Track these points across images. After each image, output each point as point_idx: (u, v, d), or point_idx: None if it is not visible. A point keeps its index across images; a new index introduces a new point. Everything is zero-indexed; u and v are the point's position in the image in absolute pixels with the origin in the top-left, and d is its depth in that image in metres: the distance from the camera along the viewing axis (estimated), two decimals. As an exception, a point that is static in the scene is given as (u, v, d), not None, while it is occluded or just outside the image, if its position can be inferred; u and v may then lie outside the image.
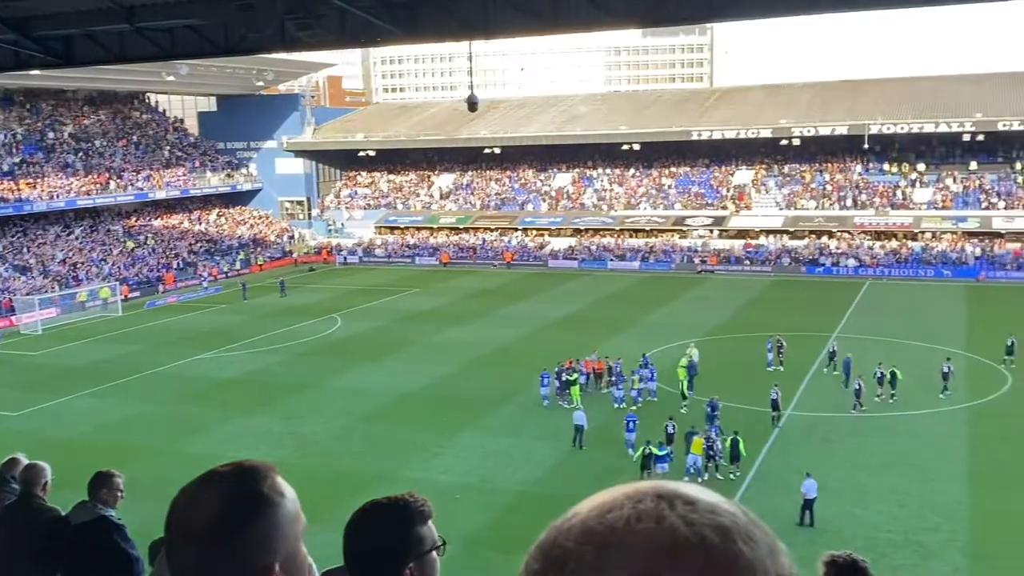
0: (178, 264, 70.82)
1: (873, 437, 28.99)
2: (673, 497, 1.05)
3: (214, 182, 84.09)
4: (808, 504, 22.48)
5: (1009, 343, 37.69)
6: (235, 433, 31.21)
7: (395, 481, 25.85)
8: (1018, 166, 69.38)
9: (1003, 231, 64.55)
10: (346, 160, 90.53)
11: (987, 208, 66.74)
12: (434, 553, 2.41)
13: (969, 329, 45.15)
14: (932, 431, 29.49)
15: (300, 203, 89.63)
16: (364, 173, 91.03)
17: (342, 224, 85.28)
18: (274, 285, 61.29)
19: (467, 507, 23.92)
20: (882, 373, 33.07)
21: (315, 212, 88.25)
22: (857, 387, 32.03)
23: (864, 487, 24.82)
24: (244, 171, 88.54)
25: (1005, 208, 66.34)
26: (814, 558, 4.42)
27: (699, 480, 25.37)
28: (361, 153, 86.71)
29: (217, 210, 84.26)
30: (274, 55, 70.21)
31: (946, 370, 33.60)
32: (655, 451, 25.69)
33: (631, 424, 28.30)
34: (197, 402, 35.72)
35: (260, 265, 75.38)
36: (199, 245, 76.18)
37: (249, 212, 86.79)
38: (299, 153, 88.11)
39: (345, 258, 78.16)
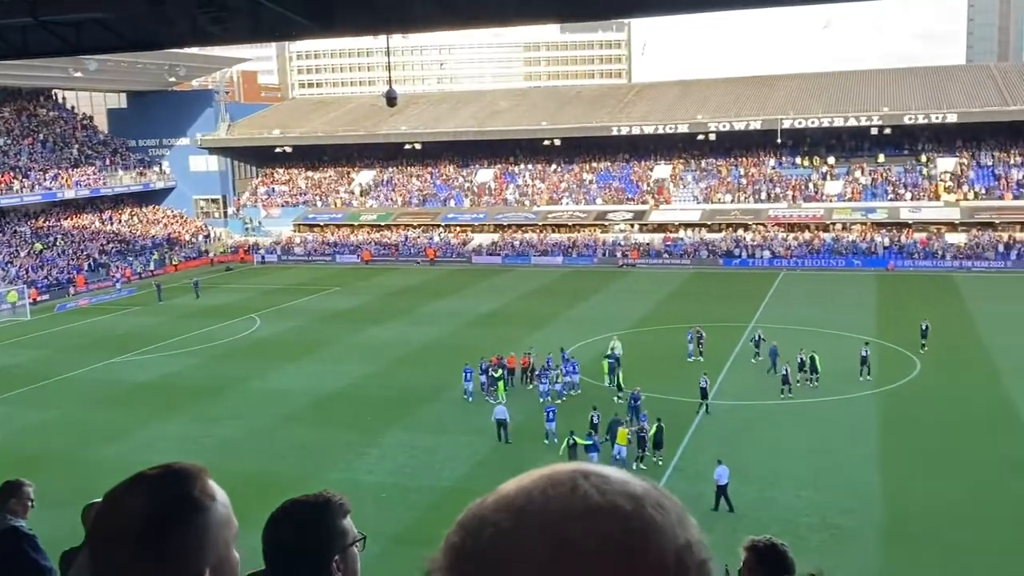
0: (89, 265, 68.67)
1: (790, 423, 29.74)
2: (588, 472, 1.08)
3: (126, 181, 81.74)
4: (721, 490, 23.00)
5: (923, 327, 39.12)
6: (151, 438, 30.40)
7: (318, 482, 25.50)
8: (923, 158, 71.93)
9: (910, 221, 66.86)
10: (262, 157, 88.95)
11: (894, 199, 69.03)
12: (355, 547, 2.42)
13: (879, 317, 46.65)
14: (846, 416, 30.38)
15: (215, 201, 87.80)
16: (281, 170, 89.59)
17: (259, 222, 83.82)
18: (189, 286, 59.83)
19: (393, 506, 23.77)
20: (802, 359, 34.03)
21: (231, 210, 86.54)
22: (784, 373, 32.96)
23: (782, 472, 25.44)
24: (157, 169, 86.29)
25: (912, 199, 68.71)
26: (736, 543, 4.50)
27: (627, 467, 25.64)
28: (278, 149, 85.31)
29: (129, 209, 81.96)
30: (186, 50, 68.54)
31: (864, 354, 34.80)
32: (580, 441, 25.93)
33: (550, 415, 28.71)
34: (111, 407, 34.70)
35: (175, 265, 73.58)
36: (111, 246, 73.99)
37: (163, 211, 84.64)
38: (214, 150, 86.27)
39: (263, 257, 76.84)
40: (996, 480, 24.35)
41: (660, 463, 26.34)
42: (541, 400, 32.26)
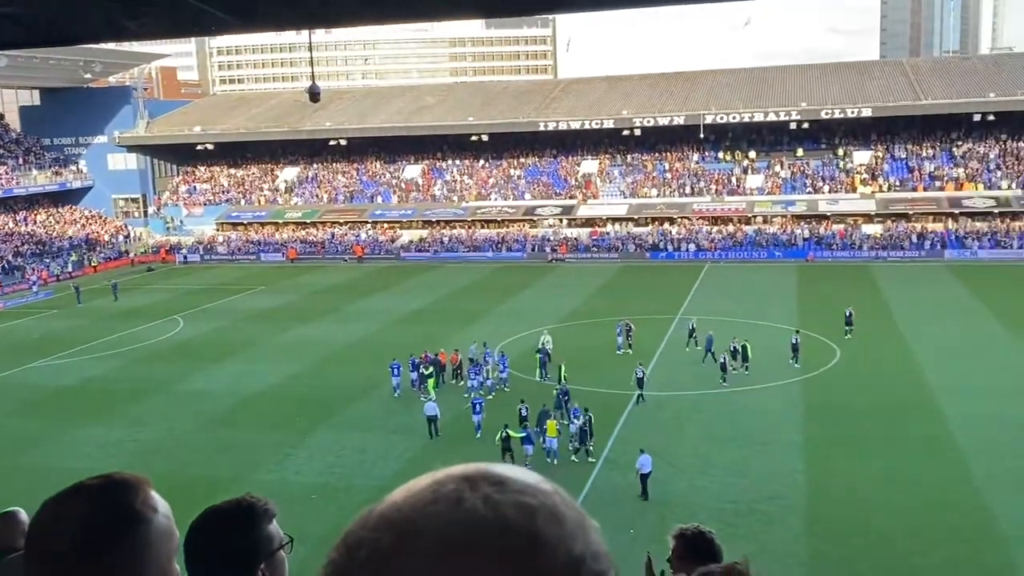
0: (3, 268, 66.37)
1: (717, 413, 30.30)
2: (478, 479, 1.02)
3: (40, 180, 79.25)
4: (644, 478, 23.39)
5: (847, 314, 40.39)
6: (73, 444, 29.55)
7: (246, 484, 25.12)
8: (840, 152, 73.90)
9: (828, 213, 68.63)
10: (183, 155, 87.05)
11: (813, 192, 70.78)
12: (282, 552, 2.34)
13: (801, 306, 47.81)
14: (770, 404, 31.08)
15: (135, 200, 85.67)
16: (203, 168, 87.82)
17: (181, 221, 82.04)
18: (108, 288, 58.13)
19: (323, 507, 23.53)
20: (735, 347, 34.87)
21: (152, 209, 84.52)
22: (722, 361, 33.82)
23: (710, 460, 25.91)
24: (73, 168, 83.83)
25: (829, 192, 70.55)
26: (666, 532, 4.58)
27: (555, 461, 25.91)
28: (199, 147, 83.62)
29: (45, 210, 79.45)
30: (101, 45, 66.69)
31: (794, 342, 36.04)
32: (512, 434, 26.03)
33: (477, 407, 28.94)
34: (30, 413, 33.61)
35: (95, 267, 71.56)
36: (26, 247, 71.62)
37: (80, 211, 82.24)
38: (132, 148, 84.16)
39: (185, 257, 75.24)
40: (913, 463, 25.19)
41: (591, 452, 26.57)
42: (465, 395, 32.29)
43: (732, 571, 2.60)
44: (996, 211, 65.42)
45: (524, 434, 26.36)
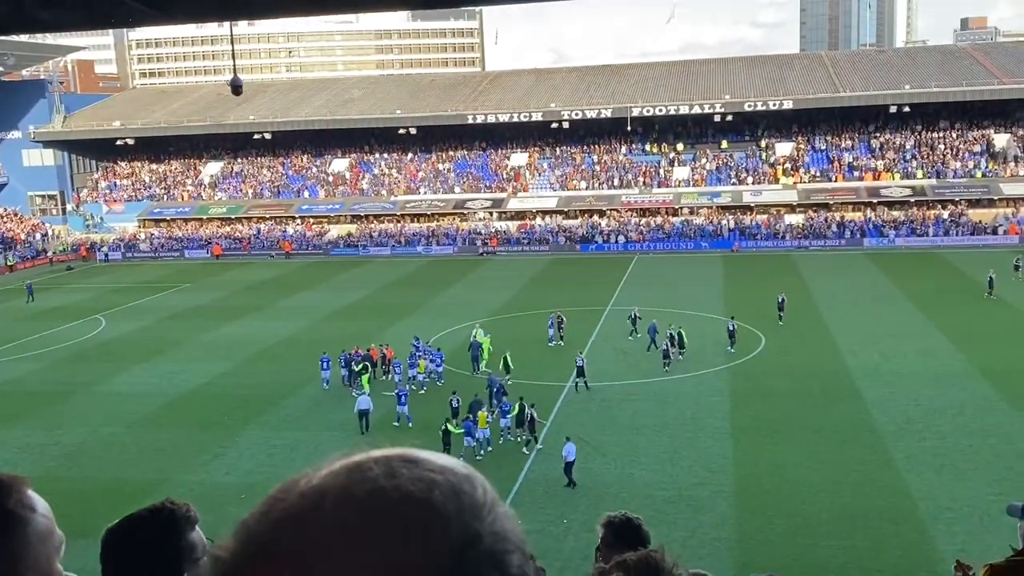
0: (-89, 269, 63.82)
1: (647, 401, 30.70)
2: (394, 457, 1.04)
3: (-51, 177, 76.34)
4: (568, 467, 23.70)
5: (780, 300, 41.66)
6: (-10, 450, 28.57)
7: (174, 486, 24.62)
8: (763, 144, 75.40)
9: (752, 204, 70.01)
10: (103, 150, 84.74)
11: (737, 184, 72.12)
12: (205, 559, 2.30)
13: (727, 295, 48.71)
14: (699, 392, 31.62)
15: (53, 197, 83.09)
16: (124, 163, 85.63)
17: (101, 218, 79.88)
18: (22, 288, 56.09)
19: (253, 506, 23.16)
20: (672, 334, 35.59)
21: (70, 207, 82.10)
22: (665, 348, 34.50)
23: (641, 449, 26.26)
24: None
25: (753, 183, 71.96)
26: (597, 521, 4.64)
27: (482, 453, 26.07)
28: (119, 142, 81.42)
29: (-45, 208, 76.60)
30: (14, 37, 64.41)
31: (731, 328, 36.99)
32: (452, 429, 26.04)
33: (402, 398, 29.18)
34: (-58, 419, 32.37)
35: (11, 266, 69.23)
36: (-65, 247, 68.97)
37: (-7, 209, 79.48)
38: (49, 143, 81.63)
39: (106, 255, 73.29)
40: (836, 446, 25.89)
41: (523, 441, 26.70)
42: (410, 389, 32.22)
43: (647, 559, 2.65)
44: (912, 200, 67.52)
45: (463, 430, 26.37)
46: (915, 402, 29.38)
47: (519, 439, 26.93)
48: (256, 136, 79.63)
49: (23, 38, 70.00)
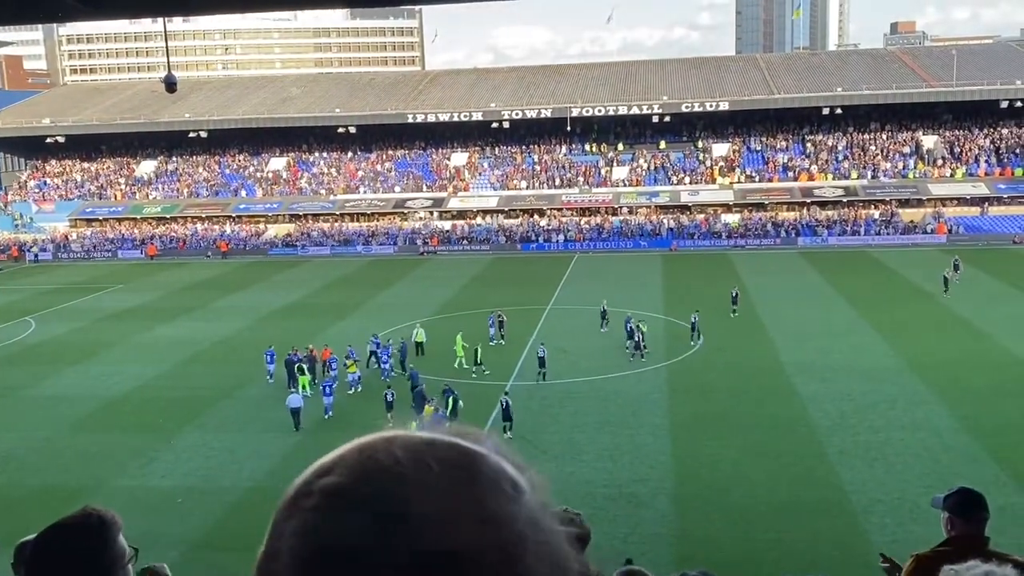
0: None
1: (588, 399, 30.89)
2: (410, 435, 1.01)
3: None
4: None
5: (733, 293, 43.07)
6: (-88, 457, 27.60)
7: (108, 491, 24.10)
8: (700, 144, 76.43)
9: (690, 204, 70.93)
10: (32, 148, 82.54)
11: (675, 184, 72.99)
12: (129, 565, 2.24)
13: (666, 293, 49.28)
14: (638, 390, 31.93)
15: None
16: (54, 161, 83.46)
17: (31, 218, 77.77)
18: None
19: (191, 510, 22.81)
20: (631, 328, 36.46)
21: (-2, 206, 79.78)
22: (637, 340, 35.63)
23: (581, 447, 26.42)
24: (-94, 162, 78.22)
25: (691, 183, 72.90)
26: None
27: None
28: (49, 140, 79.36)
29: None
30: (-64, 30, 62.45)
31: (694, 320, 38.26)
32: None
33: (327, 389, 29.90)
34: None
35: (-67, 267, 67.04)
36: None
37: (-85, 208, 76.90)
38: (-26, 140, 79.17)
39: (36, 255, 71.36)
40: (772, 442, 26.37)
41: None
42: (351, 391, 32.01)
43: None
44: (845, 200, 69.07)
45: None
46: (848, 397, 30.06)
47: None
48: (192, 134, 78.25)
49: (-54, 32, 67.89)
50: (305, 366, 32.89)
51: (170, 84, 24.49)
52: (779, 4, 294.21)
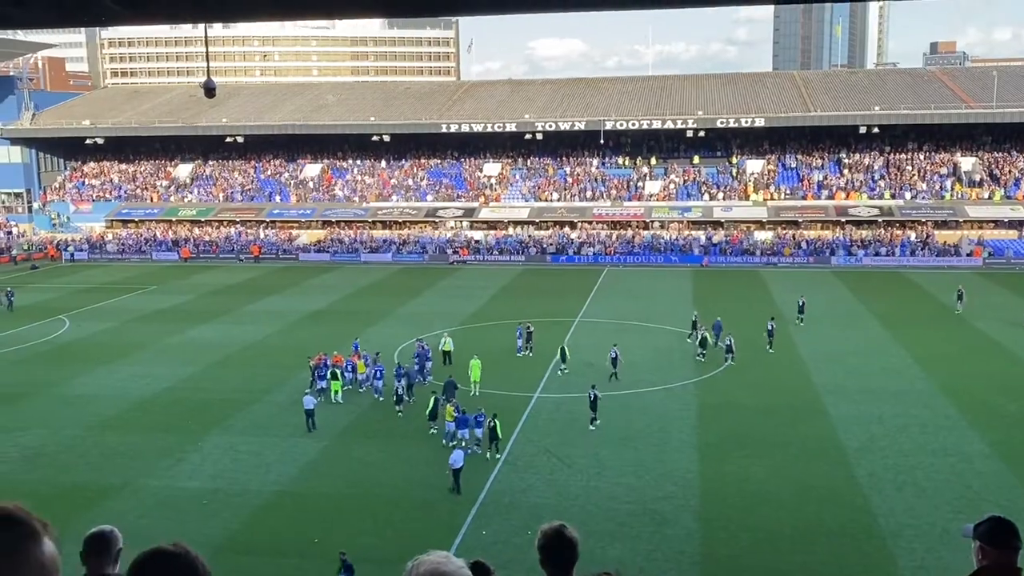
0: None
1: (614, 414, 30.69)
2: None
3: (-87, 172, 75.07)
4: (456, 473, 24.07)
5: (800, 303, 44.82)
6: (-54, 451, 28.04)
7: (136, 490, 24.33)
8: (734, 160, 76.04)
9: (722, 220, 70.54)
10: (72, 149, 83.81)
11: (708, 199, 72.63)
12: None
13: (696, 309, 48.82)
14: (666, 406, 31.70)
15: (19, 195, 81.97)
16: (93, 163, 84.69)
17: (68, 218, 78.90)
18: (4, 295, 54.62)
19: (217, 512, 22.94)
20: (703, 335, 38.20)
21: (36, 205, 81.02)
22: (728, 343, 36.93)
23: (606, 462, 26.26)
24: (-50, 160, 79.71)
25: (724, 199, 72.52)
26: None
27: (450, 445, 26.75)
28: (88, 141, 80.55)
29: (-83, 203, 75.32)
30: (-18, 32, 63.63)
31: (770, 328, 39.61)
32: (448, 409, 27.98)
33: (378, 373, 32.22)
34: (-102, 419, 31.74)
35: (-28, 264, 68.15)
36: None
37: (-43, 205, 78.27)
38: (16, 141, 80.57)
39: (72, 255, 72.36)
40: (800, 462, 26.07)
41: (492, 456, 26.62)
42: (378, 398, 32.10)
43: None
44: (880, 220, 68.36)
45: (457, 418, 27.38)
46: (878, 419, 29.67)
47: (487, 454, 26.77)
48: (228, 139, 79.10)
49: (-7, 33, 69.12)
50: (338, 371, 33.00)
51: (209, 89, 24.76)
52: (818, 21, 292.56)
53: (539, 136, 74.44)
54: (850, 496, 23.64)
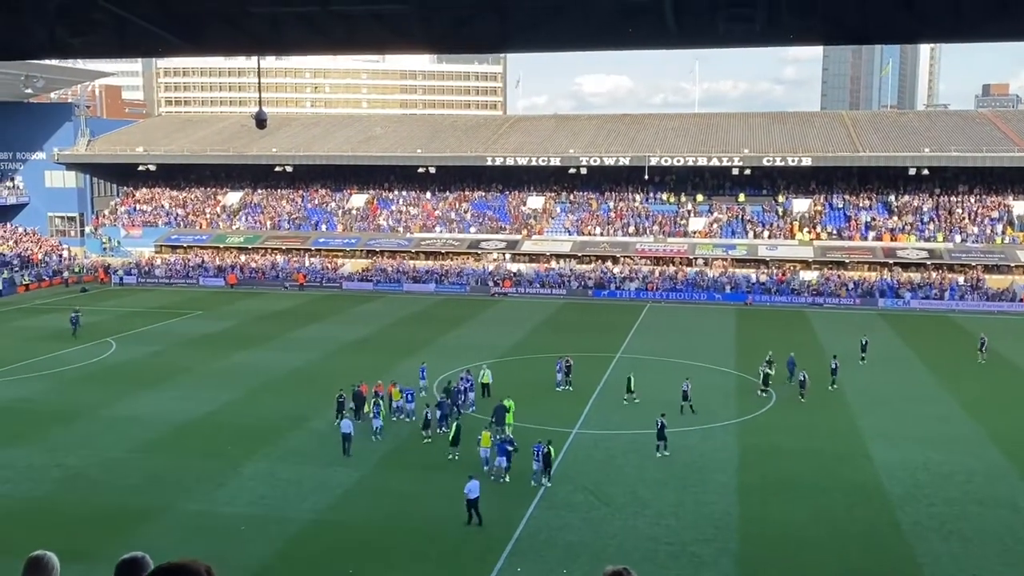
0: (-72, 283, 64.22)
1: (652, 453, 30.35)
2: None
3: (-27, 195, 77.15)
4: (470, 504, 23.94)
5: (863, 342, 45.09)
6: (-8, 468, 28.52)
7: (174, 514, 24.50)
8: (781, 198, 75.50)
9: (767, 258, 69.93)
10: (124, 174, 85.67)
11: (753, 237, 72.09)
12: None
13: (739, 349, 48.41)
14: (706, 446, 31.27)
15: (72, 219, 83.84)
16: (144, 189, 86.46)
17: (119, 242, 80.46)
18: (43, 307, 56.30)
19: (253, 538, 23.01)
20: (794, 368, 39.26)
21: (88, 229, 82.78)
22: (802, 379, 37.53)
23: (645, 501, 25.94)
24: (9, 184, 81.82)
25: (769, 237, 71.93)
26: (597, 573, 4.57)
27: (485, 468, 27.24)
28: (141, 167, 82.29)
29: (-24, 225, 77.35)
30: (44, 61, 65.46)
31: (834, 366, 39.99)
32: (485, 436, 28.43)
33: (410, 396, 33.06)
34: (-52, 435, 32.39)
35: (26, 286, 69.66)
36: (-47, 262, 69.51)
37: (13, 229, 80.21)
38: (72, 166, 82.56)
39: (121, 278, 73.69)
40: (843, 508, 25.54)
41: (546, 483, 26.79)
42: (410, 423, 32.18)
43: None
44: (929, 262, 67.30)
45: (497, 448, 27.50)
46: (924, 467, 29.01)
47: (543, 480, 26.88)
48: (277, 168, 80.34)
49: (52, 62, 71.13)
50: (380, 400, 33.06)
51: (260, 120, 25.20)
52: (867, 62, 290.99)
53: (583, 170, 74.63)
54: (893, 544, 23.09)
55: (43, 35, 11.71)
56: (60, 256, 78.01)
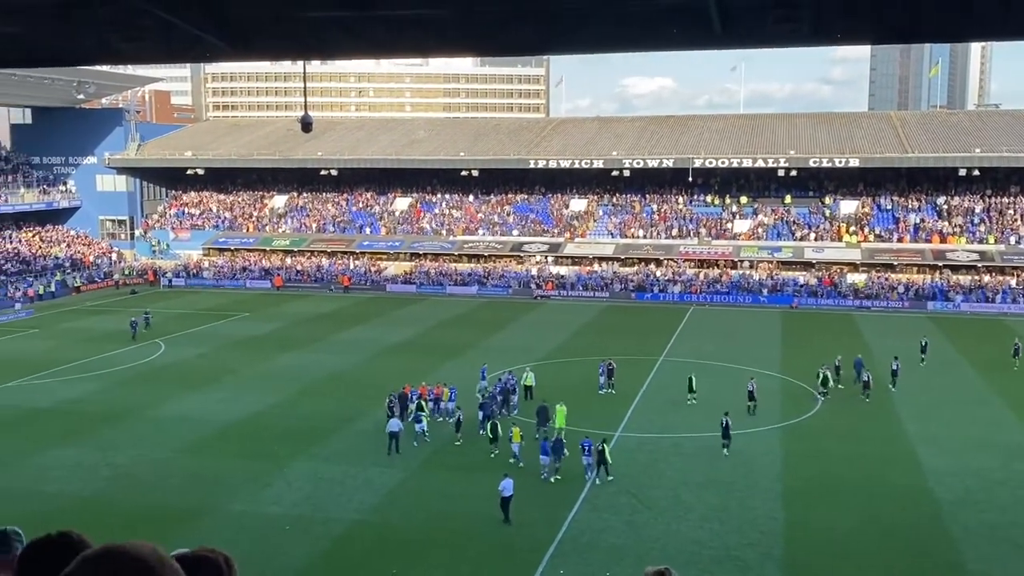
0: (-16, 285, 65.84)
1: (697, 456, 30.17)
2: None
3: (28, 199, 79.00)
4: (504, 502, 24.04)
5: (923, 343, 45.02)
6: (45, 466, 29.17)
7: (220, 514, 24.84)
8: (827, 200, 74.54)
9: (814, 261, 69.06)
10: (173, 178, 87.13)
11: (799, 239, 71.24)
12: None
13: (784, 353, 47.88)
14: (750, 450, 30.96)
15: (122, 222, 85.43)
16: (193, 192, 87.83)
17: (167, 245, 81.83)
18: (95, 309, 57.40)
19: (298, 539, 23.25)
20: (837, 365, 39.90)
21: (138, 232, 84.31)
22: (866, 379, 37.51)
23: (688, 504, 25.77)
24: (62, 187, 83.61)
25: (815, 240, 71.03)
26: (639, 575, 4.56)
27: (520, 465, 27.70)
28: (189, 171, 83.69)
29: (31, 228, 79.11)
30: (96, 67, 66.88)
31: (895, 367, 39.73)
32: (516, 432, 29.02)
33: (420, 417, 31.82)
34: (2, 433, 33.19)
35: (78, 288, 71.13)
36: (9, 265, 71.16)
37: (65, 232, 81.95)
38: (122, 170, 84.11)
39: (170, 280, 74.92)
40: (891, 514, 25.13)
41: (609, 479, 27.09)
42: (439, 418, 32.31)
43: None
44: (980, 265, 65.99)
45: (541, 447, 27.80)
46: (975, 473, 28.44)
47: (597, 480, 27.14)
48: (323, 172, 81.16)
49: (104, 68, 72.59)
50: (424, 402, 33.23)
51: (306, 124, 25.45)
52: (916, 61, 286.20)
53: (626, 173, 74.33)
54: (942, 550, 22.68)
55: (93, 42, 11.95)
56: (111, 259, 79.48)
